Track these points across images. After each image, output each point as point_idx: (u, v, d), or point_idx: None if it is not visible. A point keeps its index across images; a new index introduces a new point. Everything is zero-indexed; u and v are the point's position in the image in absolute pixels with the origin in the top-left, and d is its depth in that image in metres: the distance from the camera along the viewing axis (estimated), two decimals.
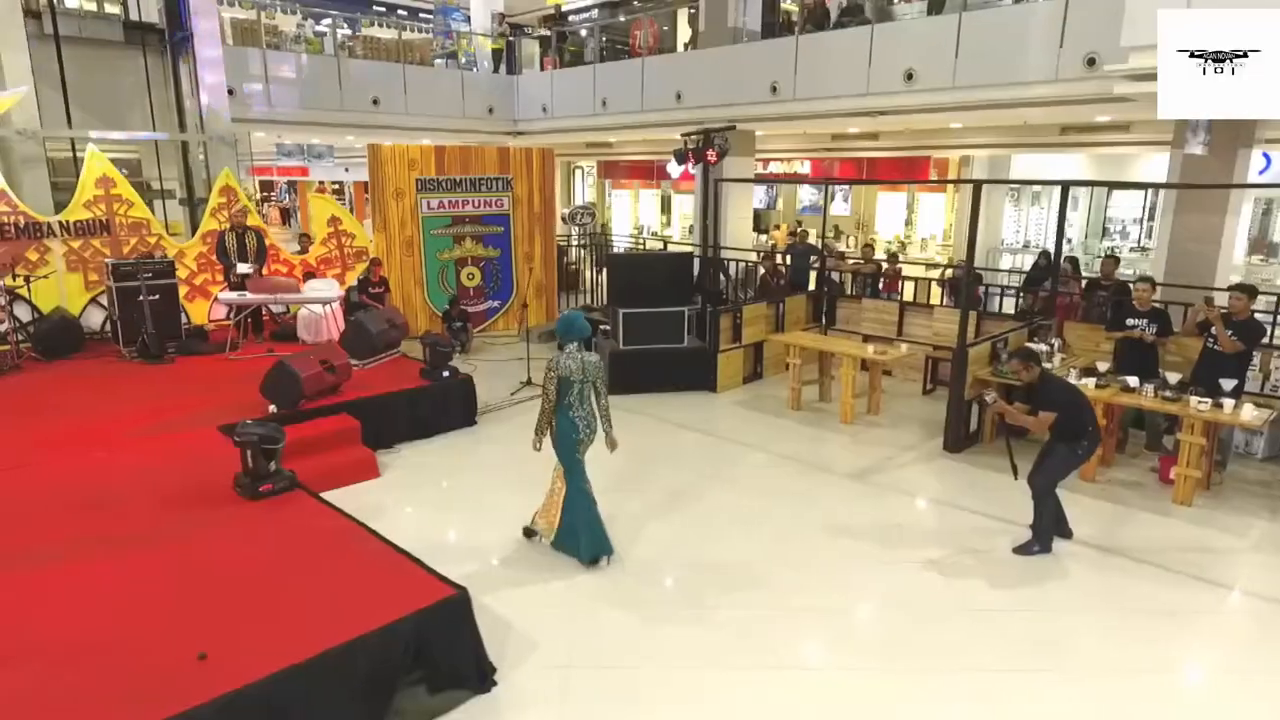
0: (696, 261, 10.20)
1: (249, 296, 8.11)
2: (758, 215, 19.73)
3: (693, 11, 18.52)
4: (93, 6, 10.94)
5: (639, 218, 22.94)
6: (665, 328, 8.51)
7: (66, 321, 8.30)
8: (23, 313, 8.15)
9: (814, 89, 11.99)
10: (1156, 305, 6.97)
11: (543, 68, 17.48)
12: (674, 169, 9.58)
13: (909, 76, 10.89)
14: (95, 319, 8.85)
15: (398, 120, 15.51)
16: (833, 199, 21.09)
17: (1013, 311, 9.15)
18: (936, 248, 15.11)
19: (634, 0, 20.32)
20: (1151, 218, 15.42)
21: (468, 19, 18.08)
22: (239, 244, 8.67)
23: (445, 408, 7.26)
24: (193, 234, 9.90)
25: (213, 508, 4.60)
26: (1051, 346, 6.89)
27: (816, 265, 11.38)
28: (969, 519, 5.59)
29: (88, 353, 8.33)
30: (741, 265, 12.15)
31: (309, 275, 9.74)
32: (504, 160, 11.47)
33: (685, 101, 13.88)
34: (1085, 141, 12.03)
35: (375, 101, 15.05)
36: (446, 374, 7.29)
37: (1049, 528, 5.04)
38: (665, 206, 22.84)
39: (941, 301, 9.56)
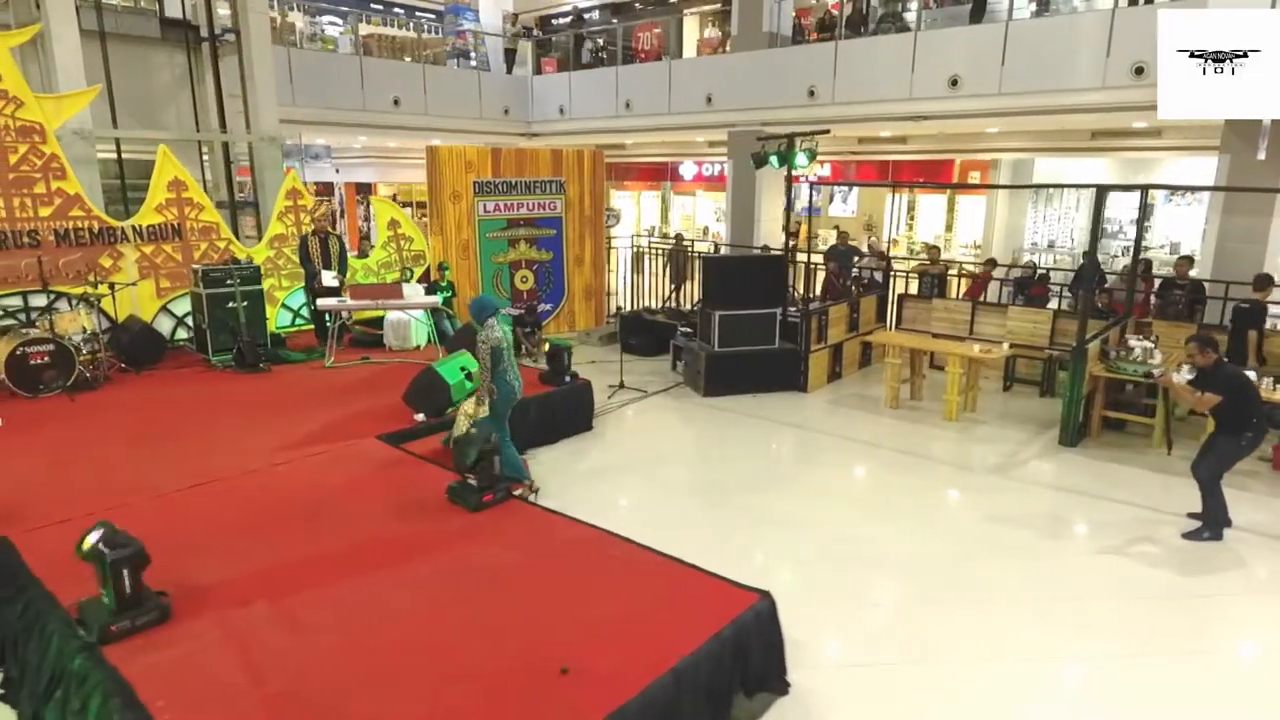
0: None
1: (349, 302, 7.91)
2: None
3: (712, 16, 18.76)
4: (129, 1, 10.51)
5: (641, 220, 22.97)
6: (758, 329, 8.62)
7: (149, 331, 7.96)
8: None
9: (854, 93, 12.26)
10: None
11: (539, 70, 17.38)
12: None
13: (954, 82, 11.22)
14: (164, 327, 8.51)
15: (417, 120, 15.30)
16: (831, 199, 21.56)
17: (1064, 310, 9.48)
18: (970, 249, 15.57)
19: (636, 4, 20.37)
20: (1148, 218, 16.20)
21: (478, 18, 17.88)
22: (322, 249, 8.44)
23: (568, 412, 7.23)
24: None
25: (442, 518, 4.52)
26: (1154, 343, 7.22)
27: (867, 267, 11.67)
28: (1122, 510, 5.83)
29: (170, 362, 8.02)
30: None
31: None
32: (557, 162, 11.41)
33: (716, 104, 14.03)
34: (1116, 146, 12.57)
35: (396, 102, 14.81)
36: (568, 379, 7.25)
37: (1219, 515, 5.32)
38: (665, 208, 22.95)
39: (1014, 301, 9.82)
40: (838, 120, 12.60)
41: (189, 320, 8.72)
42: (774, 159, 9.16)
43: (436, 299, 8.44)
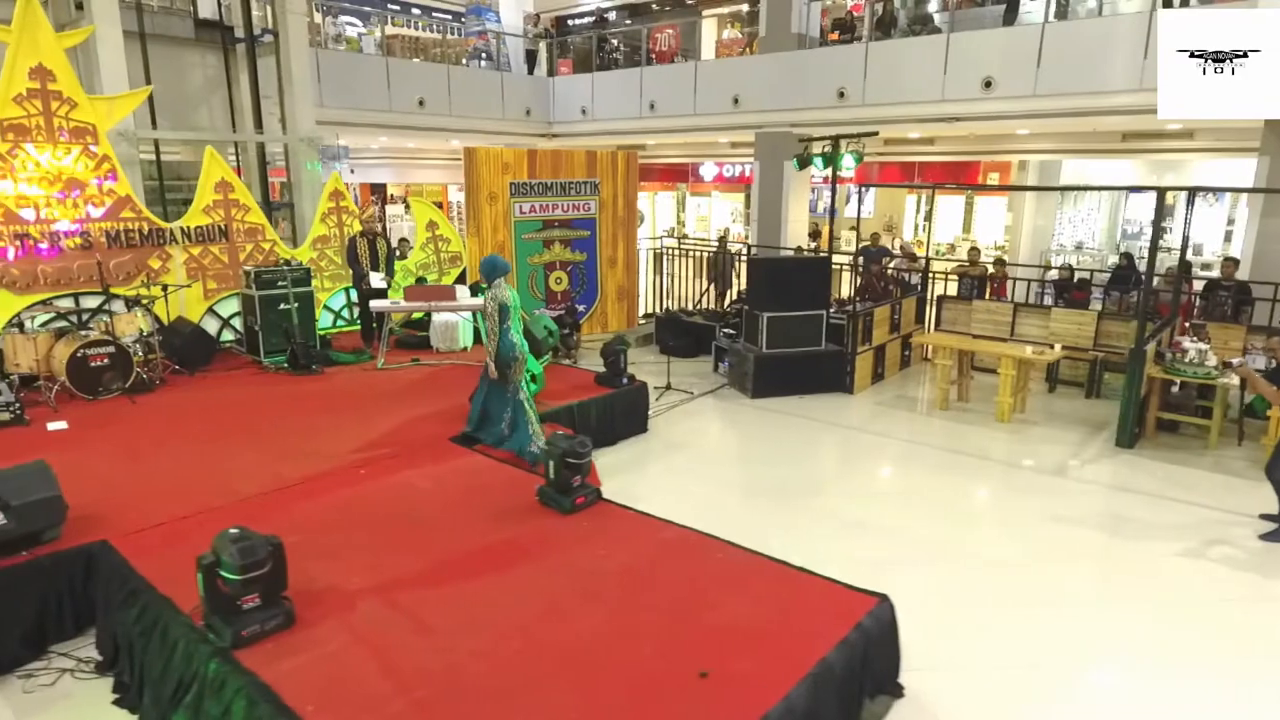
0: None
1: (402, 304, 7.90)
2: None
3: (730, 17, 18.79)
4: (165, 2, 10.48)
5: (656, 221, 22.98)
6: (805, 331, 8.63)
7: (200, 332, 7.94)
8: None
9: (885, 95, 12.27)
10: None
11: (553, 72, 17.38)
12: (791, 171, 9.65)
13: (988, 84, 11.24)
14: (210, 329, 8.48)
15: (441, 121, 15.31)
16: (848, 200, 21.58)
17: (1107, 311, 9.51)
18: (993, 250, 15.61)
19: (653, 5, 20.39)
20: (1167, 218, 16.26)
21: (499, 18, 17.85)
22: (371, 251, 8.43)
23: (625, 415, 7.22)
24: None
25: (536, 519, 4.51)
26: (1209, 344, 7.24)
27: (898, 269, 11.69)
28: (1192, 511, 5.85)
29: (220, 364, 8.00)
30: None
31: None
32: (591, 163, 11.41)
33: (743, 105, 14.03)
34: (1148, 148, 12.61)
35: (421, 102, 14.80)
36: (625, 381, 7.25)
37: None
38: (681, 209, 22.97)
39: (1056, 303, 9.84)
40: (868, 121, 12.60)
41: (234, 322, 8.72)
42: (818, 160, 9.17)
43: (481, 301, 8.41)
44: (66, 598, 4.06)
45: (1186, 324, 8.52)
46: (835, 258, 10.10)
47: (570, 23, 20.97)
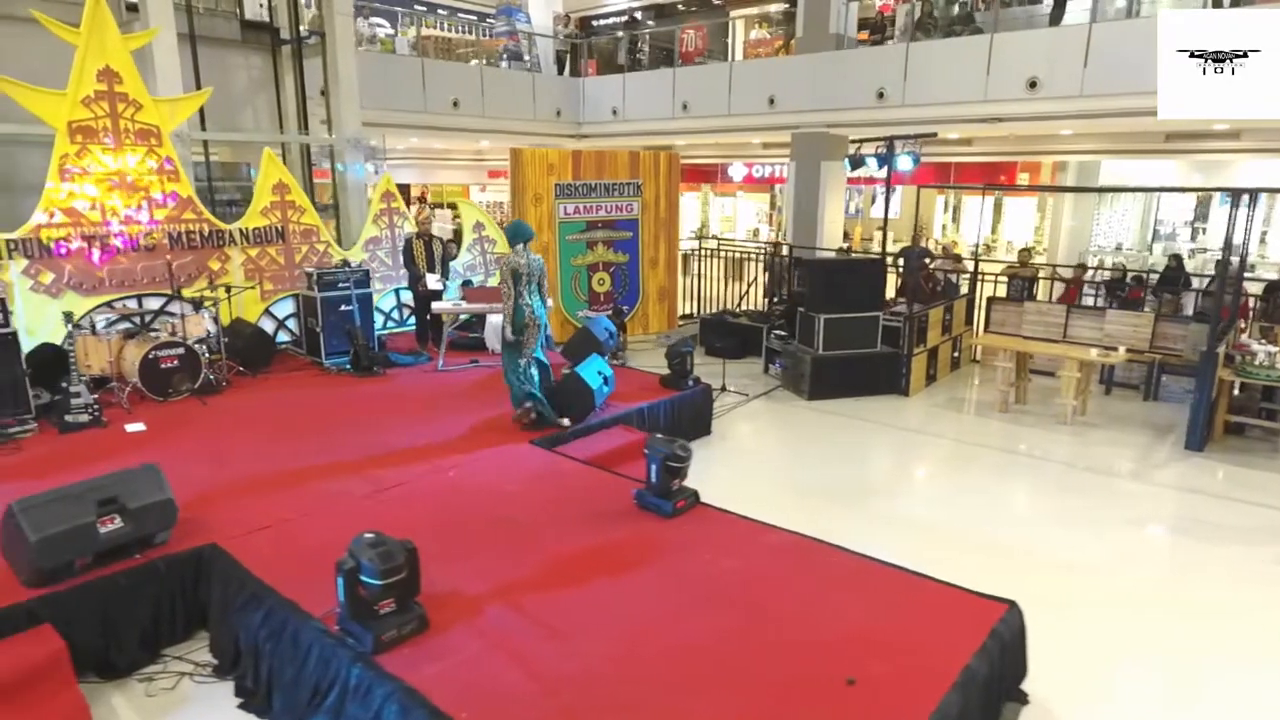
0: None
1: (464, 305, 7.89)
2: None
3: (758, 18, 18.76)
4: (210, 3, 10.50)
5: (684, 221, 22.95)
6: (861, 333, 8.60)
7: (261, 334, 7.96)
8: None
9: (926, 95, 12.22)
10: None
11: (576, 72, 17.38)
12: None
13: (1032, 84, 11.18)
14: (265, 330, 8.48)
15: (474, 122, 15.31)
16: (873, 200, 21.54)
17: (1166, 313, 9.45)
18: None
19: (679, 5, 20.37)
20: (1200, 219, 16.21)
21: (528, 18, 17.87)
22: (427, 252, 8.43)
23: (692, 417, 7.21)
24: None
25: (637, 522, 4.50)
26: (1278, 346, 7.20)
27: (939, 269, 11.64)
28: (1269, 514, 5.81)
29: (279, 365, 8.01)
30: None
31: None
32: (634, 164, 11.39)
33: (779, 106, 14.00)
34: (1192, 149, 12.55)
35: (455, 103, 14.81)
36: (691, 383, 7.23)
37: None
38: (705, 209, 22.96)
39: (1110, 304, 9.78)
40: (908, 122, 12.54)
41: (289, 323, 8.73)
42: (871, 161, 9.14)
43: (551, 303, 8.39)
44: (179, 600, 4.06)
45: (1243, 325, 8.48)
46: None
47: (594, 23, 21.00)
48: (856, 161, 9.48)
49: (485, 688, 3.05)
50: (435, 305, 7.99)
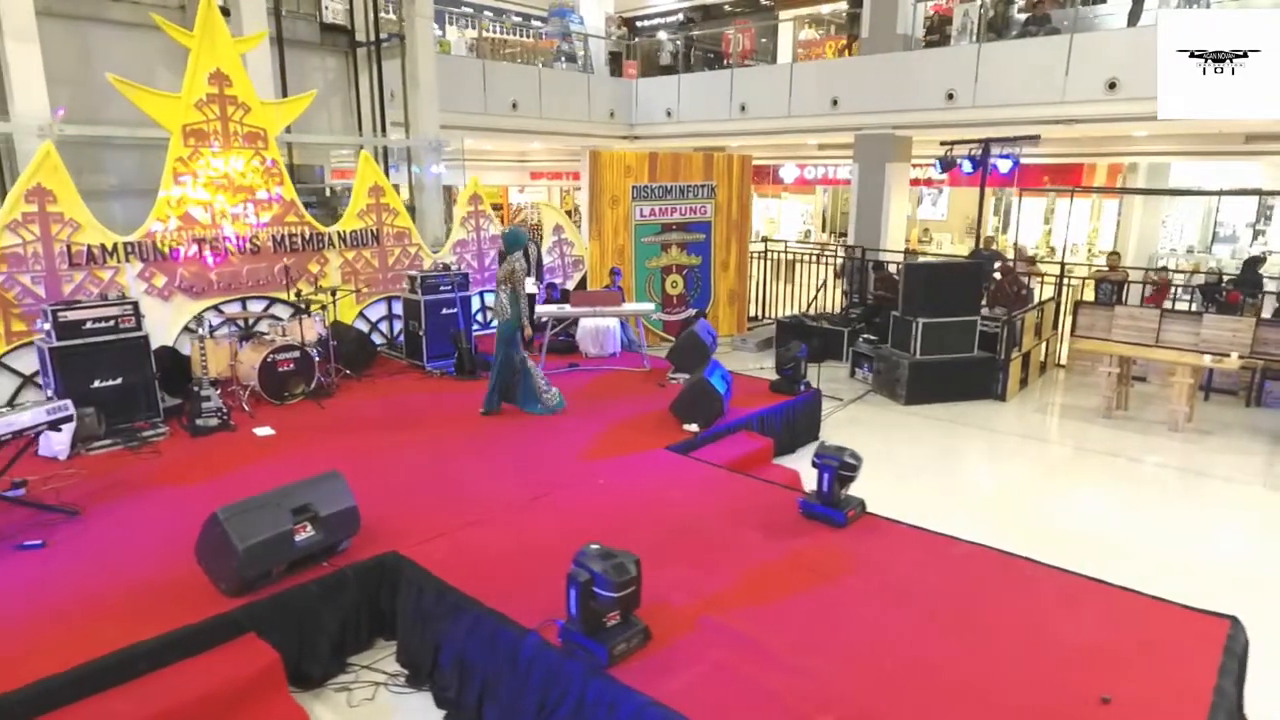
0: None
1: (568, 309, 7.85)
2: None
3: (810, 19, 18.66)
4: (292, 5, 10.51)
5: None
6: (958, 337, 8.51)
7: (363, 337, 7.95)
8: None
9: (998, 97, 12.05)
10: None
11: (617, 72, 17.34)
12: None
13: (1112, 86, 11.03)
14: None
15: (532, 123, 15.29)
16: (920, 201, 21.38)
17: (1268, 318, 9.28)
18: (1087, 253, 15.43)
19: (726, 6, 20.30)
20: (1262, 220, 15.99)
21: (581, 19, 17.83)
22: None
23: (804, 422, 7.14)
24: None
25: (812, 534, 4.42)
26: None
27: (1022, 273, 11.51)
28: None
29: (380, 369, 7.99)
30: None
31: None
32: (708, 166, 11.34)
33: (842, 107, 13.89)
34: (1271, 150, 12.37)
35: (514, 105, 14.79)
36: (802, 387, 7.16)
37: None
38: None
39: (1207, 308, 9.62)
40: (978, 123, 12.41)
41: (381, 326, 8.72)
42: (966, 163, 9.04)
43: (651, 306, 8.38)
44: (364, 609, 4.02)
45: None
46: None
47: (638, 24, 20.95)
48: (948, 163, 9.38)
49: (733, 704, 2.99)
50: (541, 309, 7.94)
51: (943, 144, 9.97)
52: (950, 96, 12.53)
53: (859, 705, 2.99)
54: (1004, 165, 8.87)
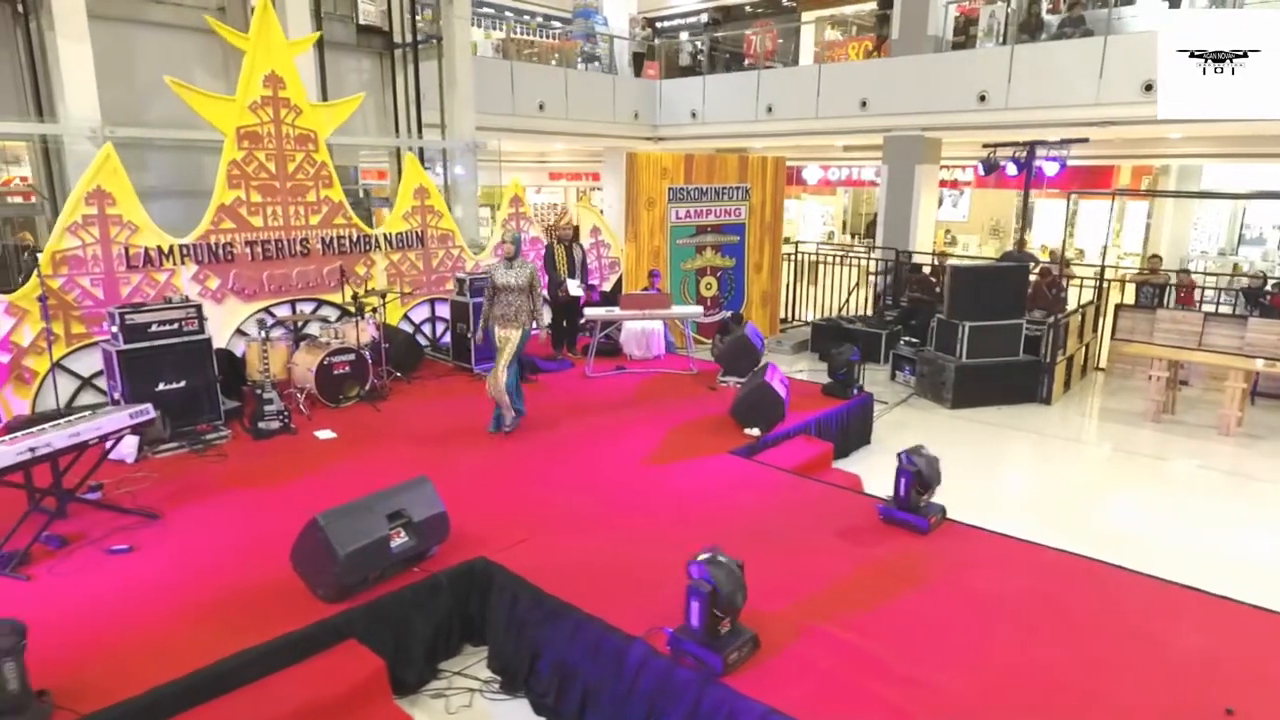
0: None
1: (617, 312, 7.84)
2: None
3: (833, 20, 18.63)
4: (330, 7, 10.52)
5: None
6: (1004, 340, 8.48)
7: (411, 339, 7.95)
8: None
9: (1031, 99, 12.00)
10: None
11: (638, 73, 17.33)
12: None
13: (1148, 88, 10.98)
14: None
15: (558, 125, 15.29)
16: (940, 203, 21.31)
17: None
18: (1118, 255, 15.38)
19: (747, 7, 20.28)
20: None
21: (606, 21, 17.82)
22: (568, 258, 8.39)
23: (858, 426, 7.12)
24: None
25: (895, 539, 4.41)
26: None
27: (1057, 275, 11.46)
28: None
29: (428, 371, 7.99)
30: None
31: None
32: (743, 168, 11.33)
33: (871, 109, 13.87)
34: None
35: (541, 106, 14.79)
36: (855, 392, 7.14)
37: None
38: None
39: (1251, 311, 9.55)
40: (1011, 125, 12.38)
41: (424, 328, 8.73)
42: (1011, 166, 9.01)
43: (699, 309, 8.37)
44: (454, 614, 4.01)
45: None
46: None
47: (658, 24, 20.93)
48: (991, 165, 9.35)
49: (853, 715, 2.98)
50: (589, 312, 7.93)
51: (985, 146, 9.93)
52: (982, 98, 12.50)
53: (985, 716, 2.98)
54: (1050, 168, 8.83)
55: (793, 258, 13.58)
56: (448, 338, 8.56)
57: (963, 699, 3.06)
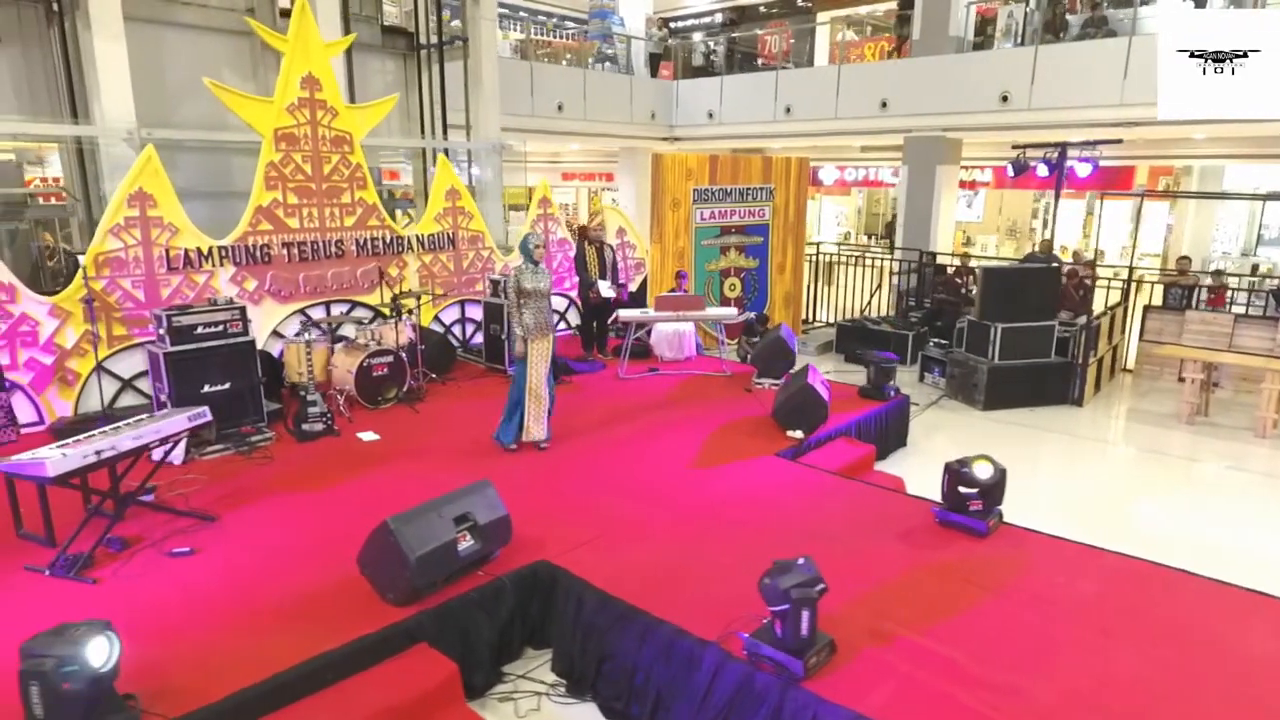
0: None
1: (652, 314, 7.84)
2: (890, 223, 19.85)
3: (848, 20, 18.61)
4: (355, 8, 10.52)
5: None
6: (1036, 342, 8.47)
7: (445, 341, 7.95)
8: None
9: (1055, 99, 11.97)
10: None
11: (654, 74, 17.34)
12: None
13: None
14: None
15: (576, 125, 15.28)
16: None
17: None
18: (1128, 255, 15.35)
19: (761, 8, 20.26)
20: None
21: (622, 21, 17.82)
22: (599, 259, 8.39)
23: (896, 428, 7.11)
24: None
25: (954, 543, 4.39)
26: None
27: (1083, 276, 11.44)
28: None
29: (461, 372, 7.99)
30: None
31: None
32: (767, 169, 11.32)
33: (892, 109, 13.84)
34: None
35: (560, 107, 14.79)
36: (891, 393, 7.13)
37: None
38: None
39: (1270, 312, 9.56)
40: (1034, 126, 12.36)
41: (455, 329, 8.73)
42: (1042, 167, 8.99)
43: (732, 311, 8.36)
44: (519, 618, 4.01)
45: None
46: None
47: (671, 24, 20.92)
48: (1020, 166, 9.33)
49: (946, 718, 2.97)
50: (623, 314, 7.92)
51: (1014, 147, 9.91)
52: (1005, 99, 12.46)
53: None
54: (1083, 169, 8.81)
55: (813, 259, 13.56)
56: (478, 339, 8.57)
57: (1051, 707, 3.05)
